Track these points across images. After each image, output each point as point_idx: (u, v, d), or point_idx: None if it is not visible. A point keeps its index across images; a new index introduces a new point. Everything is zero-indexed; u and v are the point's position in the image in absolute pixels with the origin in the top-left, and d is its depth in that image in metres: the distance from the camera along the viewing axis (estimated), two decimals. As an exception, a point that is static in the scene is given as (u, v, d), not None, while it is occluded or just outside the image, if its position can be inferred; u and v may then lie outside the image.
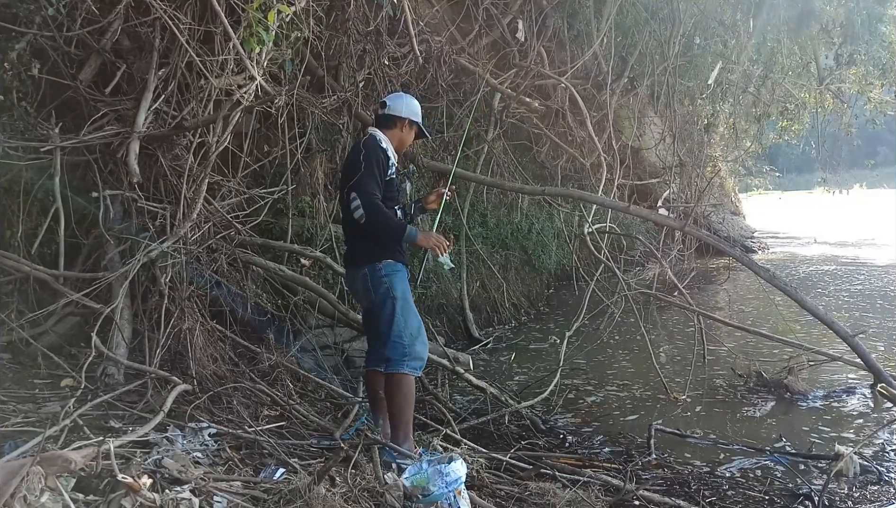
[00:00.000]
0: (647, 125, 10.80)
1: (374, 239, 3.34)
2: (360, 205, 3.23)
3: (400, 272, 3.38)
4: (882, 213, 20.08)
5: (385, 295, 3.32)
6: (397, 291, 3.33)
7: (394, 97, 3.64)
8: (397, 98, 3.62)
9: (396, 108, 3.54)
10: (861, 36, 11.31)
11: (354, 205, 3.25)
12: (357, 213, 3.26)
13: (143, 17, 4.04)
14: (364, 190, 3.21)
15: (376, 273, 3.34)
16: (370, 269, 3.34)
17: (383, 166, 3.34)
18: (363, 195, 3.20)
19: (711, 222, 14.47)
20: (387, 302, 3.32)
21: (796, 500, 3.38)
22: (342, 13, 5.38)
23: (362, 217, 3.24)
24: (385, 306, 3.32)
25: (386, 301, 3.32)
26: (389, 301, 3.31)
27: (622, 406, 5.10)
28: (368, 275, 3.35)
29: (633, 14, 8.58)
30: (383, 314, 3.33)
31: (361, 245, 3.40)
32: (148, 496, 2.26)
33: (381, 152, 3.37)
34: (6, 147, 3.77)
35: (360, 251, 3.40)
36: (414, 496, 2.59)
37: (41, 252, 4.01)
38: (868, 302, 9.23)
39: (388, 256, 3.36)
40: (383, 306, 3.33)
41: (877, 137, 23.87)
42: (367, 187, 3.23)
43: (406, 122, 3.53)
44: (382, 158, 3.36)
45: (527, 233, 9.16)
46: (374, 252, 3.36)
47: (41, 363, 3.61)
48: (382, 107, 3.57)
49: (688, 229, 6.15)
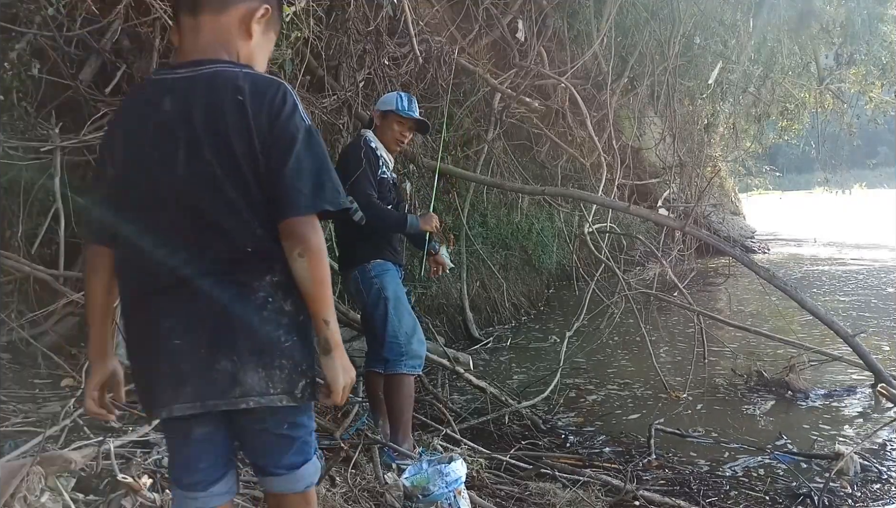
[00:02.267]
0: (647, 125, 10.79)
1: (363, 239, 3.33)
2: (358, 207, 3.21)
3: (390, 272, 3.37)
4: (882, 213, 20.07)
5: (377, 296, 3.31)
6: (388, 291, 3.32)
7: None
8: (381, 99, 3.66)
9: (377, 107, 3.56)
10: (861, 35, 11.32)
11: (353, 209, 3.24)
12: (356, 216, 3.24)
13: (143, 17, 4.03)
14: (359, 192, 3.19)
15: (366, 275, 3.33)
16: (360, 271, 3.34)
17: (373, 164, 3.33)
18: (359, 197, 3.17)
19: (711, 222, 14.46)
20: (379, 303, 3.31)
21: (797, 500, 3.38)
22: (342, 13, 5.38)
23: (362, 219, 3.22)
24: (378, 307, 3.31)
25: (378, 302, 3.31)
26: (382, 302, 3.30)
27: (623, 406, 5.10)
28: (359, 277, 3.34)
29: (633, 14, 8.58)
30: (377, 315, 3.32)
31: (351, 247, 3.40)
32: (148, 496, 2.26)
33: (369, 151, 3.35)
34: (6, 147, 3.77)
35: (350, 254, 3.40)
36: (414, 496, 2.58)
37: (41, 252, 4.01)
38: (868, 302, 9.23)
39: (378, 255, 3.35)
40: (376, 307, 3.32)
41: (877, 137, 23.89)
42: (362, 189, 3.21)
43: (378, 113, 3.53)
44: (372, 156, 3.35)
45: (527, 233, 9.16)
46: (364, 252, 3.35)
47: (41, 363, 3.61)
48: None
49: (688, 229, 6.15)
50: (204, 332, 1.46)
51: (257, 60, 1.60)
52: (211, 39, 1.54)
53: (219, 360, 1.45)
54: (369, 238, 3.33)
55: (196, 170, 1.45)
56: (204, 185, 1.45)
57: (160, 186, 1.48)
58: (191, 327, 1.46)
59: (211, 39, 1.54)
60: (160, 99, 1.48)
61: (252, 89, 1.46)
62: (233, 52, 1.55)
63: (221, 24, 1.54)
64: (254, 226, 1.46)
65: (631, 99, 9.70)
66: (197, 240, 1.47)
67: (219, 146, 1.45)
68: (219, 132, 1.45)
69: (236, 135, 1.44)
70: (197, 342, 1.46)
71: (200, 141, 1.45)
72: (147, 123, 1.50)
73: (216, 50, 1.53)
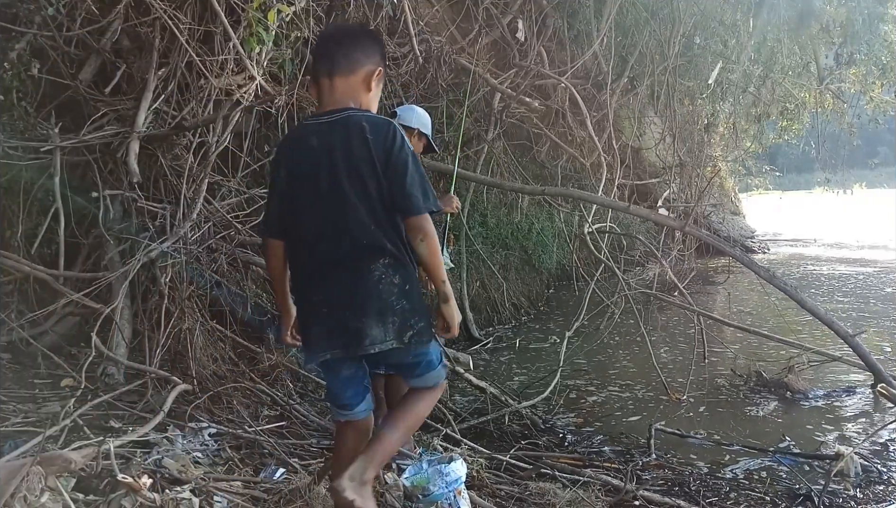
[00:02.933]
0: (647, 125, 10.78)
1: None
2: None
3: None
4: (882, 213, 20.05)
5: None
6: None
7: (405, 109, 3.63)
8: (409, 110, 3.62)
9: (407, 118, 3.51)
10: (861, 35, 11.31)
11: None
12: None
13: (143, 17, 4.03)
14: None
15: None
16: None
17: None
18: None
19: (711, 221, 14.45)
20: None
21: (797, 501, 3.38)
22: (342, 13, 5.38)
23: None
24: None
25: None
26: None
27: (624, 407, 5.10)
28: None
29: (633, 14, 8.57)
30: None
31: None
32: (148, 496, 2.26)
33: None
34: (6, 147, 3.77)
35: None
36: (414, 496, 2.58)
37: (41, 252, 4.01)
38: (868, 303, 9.23)
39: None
40: None
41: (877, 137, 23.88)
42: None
43: (416, 132, 3.51)
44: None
45: (527, 233, 9.15)
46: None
47: (41, 363, 3.61)
48: (392, 117, 3.55)
49: (688, 229, 6.15)
50: (342, 301, 2.11)
51: (373, 106, 2.26)
52: (342, 94, 2.18)
53: (353, 320, 2.09)
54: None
55: (333, 188, 2.09)
56: (339, 200, 2.09)
57: (311, 200, 2.13)
58: (333, 297, 2.12)
59: (342, 94, 2.18)
60: (309, 138, 2.15)
61: (372, 129, 2.08)
62: (357, 102, 2.19)
63: (350, 82, 2.19)
64: (372, 227, 2.08)
65: (631, 99, 9.69)
66: (333, 238, 2.11)
67: (350, 170, 2.08)
68: (350, 160, 2.08)
69: (363, 162, 2.07)
70: (338, 308, 2.11)
71: (338, 168, 2.09)
72: (301, 155, 2.17)
73: (346, 101, 2.16)
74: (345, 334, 2.11)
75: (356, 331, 2.08)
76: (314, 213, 2.14)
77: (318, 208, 2.12)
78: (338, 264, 2.11)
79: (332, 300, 2.13)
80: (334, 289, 2.13)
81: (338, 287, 2.12)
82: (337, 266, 2.11)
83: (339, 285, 2.12)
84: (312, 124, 2.19)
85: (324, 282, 2.14)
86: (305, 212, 2.16)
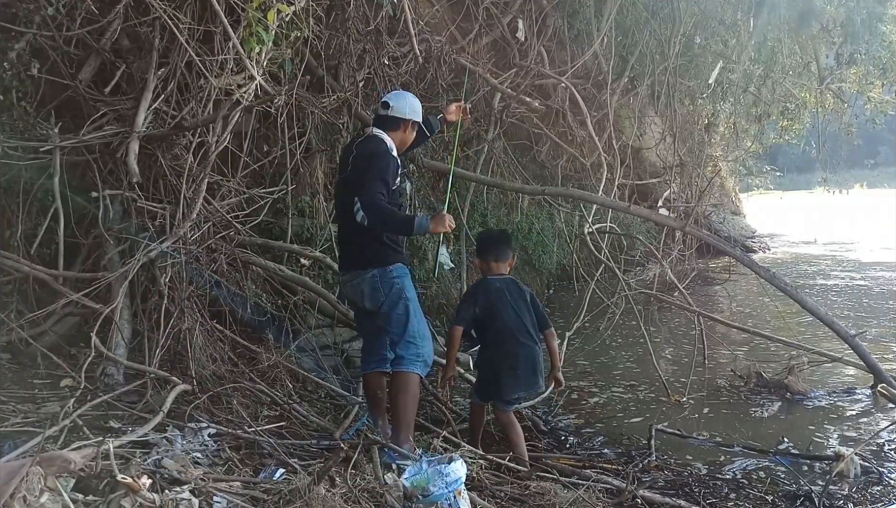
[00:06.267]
0: (647, 125, 10.78)
1: (381, 241, 3.31)
2: (361, 207, 3.15)
3: (408, 276, 3.39)
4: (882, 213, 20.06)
5: (397, 296, 3.32)
6: (409, 292, 3.34)
7: (396, 96, 3.55)
8: (399, 97, 3.55)
9: (400, 108, 3.46)
10: (861, 35, 11.28)
11: (356, 208, 3.19)
12: (358, 215, 3.18)
13: (142, 17, 4.04)
14: (368, 190, 3.14)
15: (387, 275, 3.31)
16: (380, 271, 3.31)
17: (393, 175, 3.29)
18: (365, 195, 3.13)
19: (712, 221, 14.47)
20: (399, 304, 3.32)
21: (797, 501, 3.37)
22: (342, 13, 5.38)
23: (364, 219, 3.16)
24: (397, 307, 3.32)
25: (398, 303, 3.32)
26: (402, 303, 3.32)
27: (626, 408, 5.09)
28: (378, 276, 3.31)
29: (633, 14, 8.57)
30: (395, 315, 3.32)
31: (369, 248, 3.33)
32: (148, 496, 2.25)
33: (391, 161, 3.31)
34: (6, 147, 3.77)
35: (368, 254, 3.34)
36: (414, 496, 2.58)
37: (41, 252, 4.01)
38: (868, 303, 9.22)
39: (399, 259, 3.37)
40: (395, 307, 3.32)
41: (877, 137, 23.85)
42: (372, 188, 3.16)
43: (410, 123, 3.50)
44: (393, 168, 3.30)
45: (527, 233, 9.15)
46: (386, 254, 3.33)
47: (41, 363, 3.61)
48: (385, 107, 3.47)
49: (688, 229, 6.15)
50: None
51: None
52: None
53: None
54: (384, 240, 3.33)
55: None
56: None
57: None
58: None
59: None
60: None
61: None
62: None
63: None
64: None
65: (631, 99, 9.69)
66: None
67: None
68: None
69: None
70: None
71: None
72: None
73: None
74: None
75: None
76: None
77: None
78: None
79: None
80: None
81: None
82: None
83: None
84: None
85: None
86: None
